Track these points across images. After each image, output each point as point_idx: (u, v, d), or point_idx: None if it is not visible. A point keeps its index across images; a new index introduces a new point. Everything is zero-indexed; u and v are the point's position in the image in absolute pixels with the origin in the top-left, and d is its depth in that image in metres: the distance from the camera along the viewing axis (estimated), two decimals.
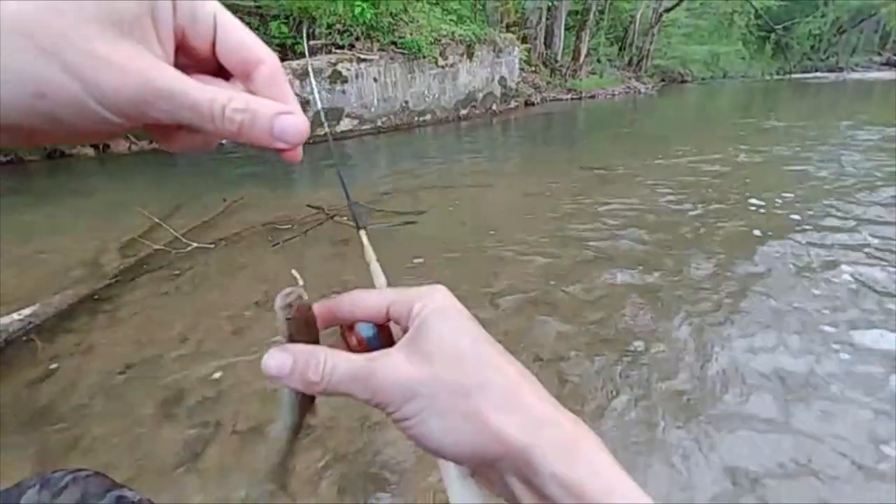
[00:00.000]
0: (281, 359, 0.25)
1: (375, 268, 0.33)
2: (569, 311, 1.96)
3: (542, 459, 0.21)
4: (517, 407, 0.23)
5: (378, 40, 6.60)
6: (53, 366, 1.69)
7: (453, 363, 0.24)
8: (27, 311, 1.91)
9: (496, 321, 1.90)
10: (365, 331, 0.28)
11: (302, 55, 6.48)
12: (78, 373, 1.66)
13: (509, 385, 0.24)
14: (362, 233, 0.34)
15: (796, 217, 2.94)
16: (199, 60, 0.23)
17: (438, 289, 0.27)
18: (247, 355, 1.71)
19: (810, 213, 3.00)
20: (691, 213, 3.09)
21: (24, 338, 1.84)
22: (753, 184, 3.66)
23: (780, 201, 3.25)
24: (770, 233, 2.70)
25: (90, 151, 5.77)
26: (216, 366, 1.66)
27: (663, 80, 13.70)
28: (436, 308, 0.26)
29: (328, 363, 0.25)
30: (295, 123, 0.23)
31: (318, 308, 0.28)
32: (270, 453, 1.29)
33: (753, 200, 3.27)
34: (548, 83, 10.47)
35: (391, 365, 0.25)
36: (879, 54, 19.92)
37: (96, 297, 2.17)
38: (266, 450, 1.30)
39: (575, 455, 0.22)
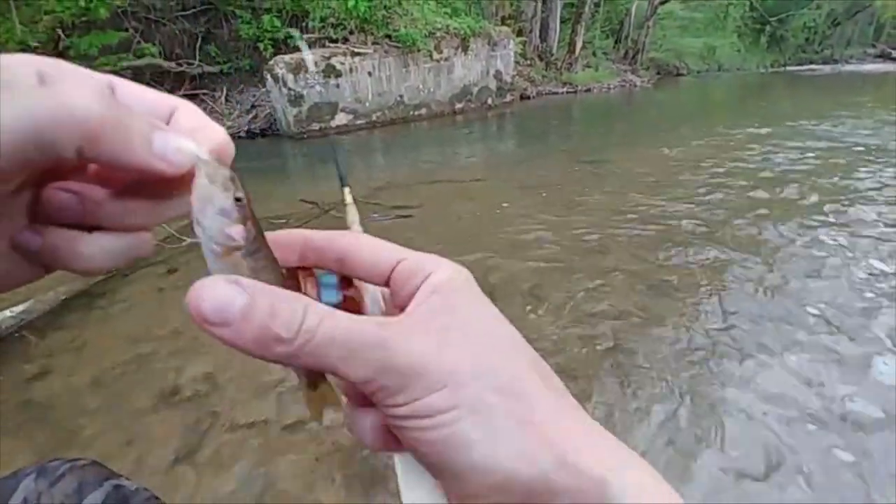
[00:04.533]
0: (226, 293, 0.16)
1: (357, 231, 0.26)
2: (564, 302, 1.98)
3: (623, 501, 0.16)
4: (582, 429, 0.18)
5: (372, 34, 6.55)
6: (48, 362, 1.69)
7: (496, 356, 0.19)
8: (20, 308, 1.90)
9: None
10: (326, 292, 0.20)
11: (295, 49, 6.42)
12: (73, 369, 1.65)
13: (563, 400, 0.19)
14: (347, 191, 0.29)
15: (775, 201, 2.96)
16: None
17: (463, 269, 0.21)
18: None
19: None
20: (687, 205, 3.11)
21: (17, 334, 1.83)
22: (751, 176, 3.68)
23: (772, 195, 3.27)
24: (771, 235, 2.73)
25: None
26: (211, 361, 1.66)
27: (658, 73, 13.66)
28: (466, 285, 0.20)
29: (310, 314, 0.17)
30: (178, 139, 0.18)
31: (285, 236, 0.21)
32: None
33: (750, 192, 3.30)
34: (543, 77, 10.43)
35: (412, 335, 0.18)
36: (873, 46, 19.95)
37: (90, 293, 2.16)
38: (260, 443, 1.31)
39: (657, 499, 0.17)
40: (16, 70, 0.16)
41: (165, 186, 0.19)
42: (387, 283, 0.21)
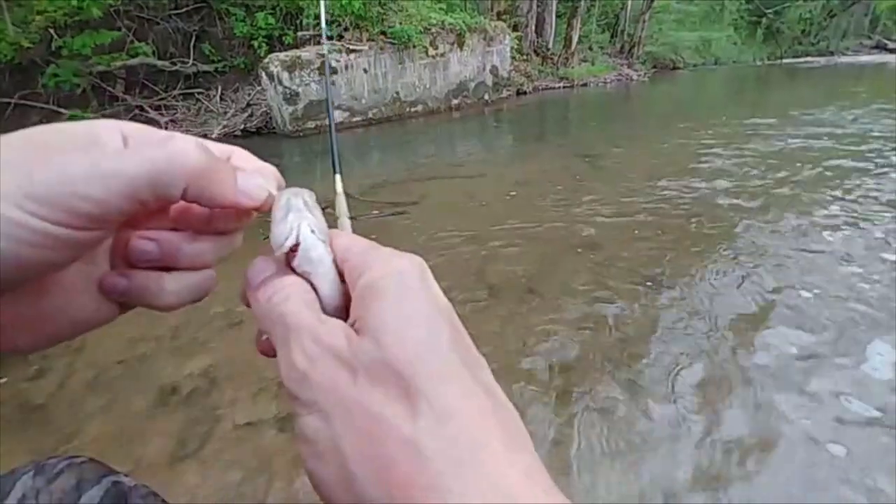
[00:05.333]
0: (261, 267, 0.23)
1: (344, 224, 0.29)
2: (559, 297, 1.98)
3: None
4: (466, 474, 0.15)
5: (367, 30, 6.52)
6: (45, 363, 1.69)
7: (389, 368, 0.17)
8: None
9: (488, 308, 1.92)
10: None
11: (290, 46, 6.39)
12: (70, 370, 1.65)
13: (464, 432, 0.16)
14: (338, 178, 0.32)
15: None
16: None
17: (409, 255, 0.21)
18: (241, 347, 1.72)
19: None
20: (684, 197, 3.11)
21: None
22: (760, 163, 3.69)
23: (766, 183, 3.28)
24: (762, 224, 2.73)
25: None
26: (210, 359, 1.67)
27: (655, 67, 13.63)
28: (395, 274, 0.20)
29: (285, 290, 0.21)
30: (255, 179, 0.22)
31: None
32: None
33: (760, 180, 3.31)
34: (539, 72, 10.39)
35: (328, 335, 0.19)
36: (869, 38, 19.94)
37: None
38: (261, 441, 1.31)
39: None
40: (104, 133, 0.20)
41: (228, 225, 0.24)
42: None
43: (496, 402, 0.18)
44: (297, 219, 0.21)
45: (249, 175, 0.22)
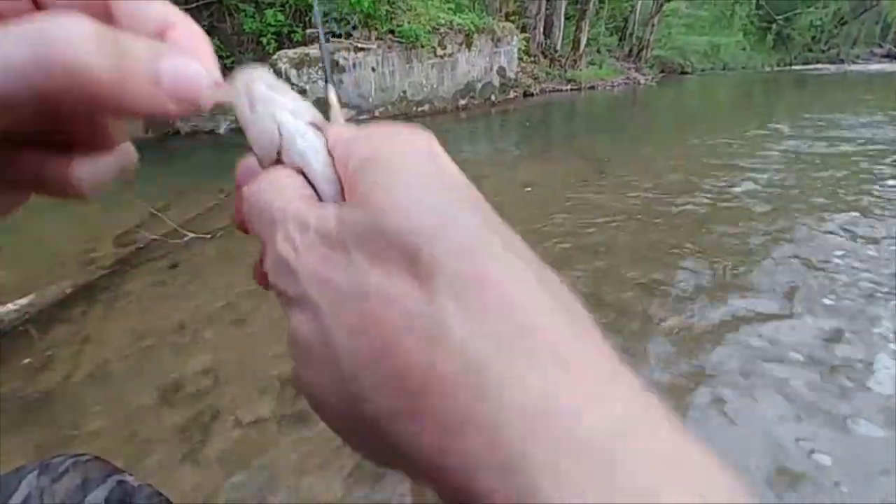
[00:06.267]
0: (252, 164, 0.20)
1: None
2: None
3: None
4: (516, 359, 0.11)
5: (376, 29, 6.52)
6: (50, 357, 1.69)
7: (384, 237, 0.13)
8: (23, 302, 1.90)
9: None
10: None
11: (299, 43, 6.40)
12: (75, 363, 1.65)
13: (505, 307, 0.12)
14: (330, 88, 0.27)
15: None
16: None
17: (411, 127, 0.17)
18: (246, 345, 1.71)
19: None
20: (691, 202, 3.09)
21: (21, 328, 1.83)
22: (741, 172, 3.66)
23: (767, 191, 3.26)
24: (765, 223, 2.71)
25: None
26: (214, 355, 1.66)
27: (662, 72, 13.60)
28: (392, 148, 0.15)
29: (275, 182, 0.17)
30: (189, 66, 0.14)
31: None
32: None
33: (744, 185, 3.28)
34: (547, 74, 10.37)
35: (318, 218, 0.15)
36: (880, 46, 19.83)
37: (93, 286, 2.16)
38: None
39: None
40: None
41: None
42: None
43: (543, 274, 0.14)
44: (269, 108, 0.17)
45: (178, 63, 0.14)
